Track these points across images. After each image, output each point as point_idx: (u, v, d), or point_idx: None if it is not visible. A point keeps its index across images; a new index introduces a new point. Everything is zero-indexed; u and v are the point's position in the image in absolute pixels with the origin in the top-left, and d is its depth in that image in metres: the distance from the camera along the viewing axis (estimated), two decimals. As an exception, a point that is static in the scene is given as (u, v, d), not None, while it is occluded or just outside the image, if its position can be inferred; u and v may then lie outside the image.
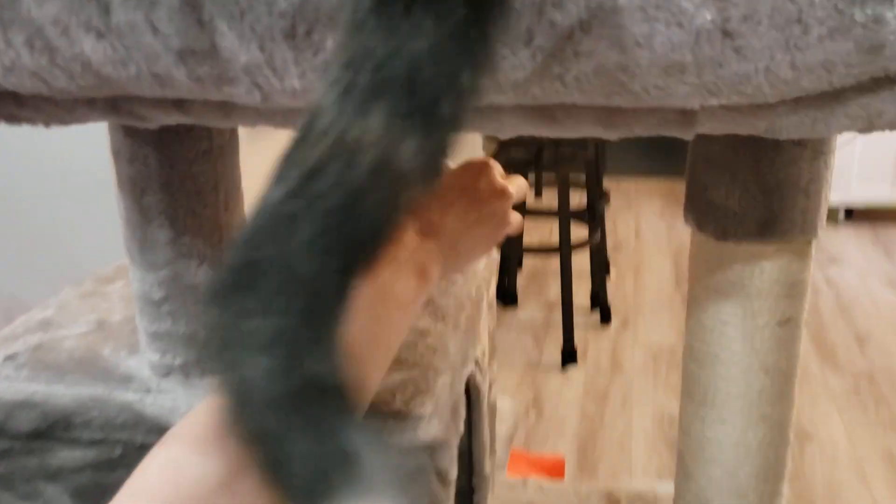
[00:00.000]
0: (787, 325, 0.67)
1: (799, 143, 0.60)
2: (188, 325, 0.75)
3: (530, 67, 0.40)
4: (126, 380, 0.77)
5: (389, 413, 0.71)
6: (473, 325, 0.92)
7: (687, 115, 0.45)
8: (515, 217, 0.69)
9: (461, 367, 0.85)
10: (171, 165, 0.70)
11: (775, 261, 0.65)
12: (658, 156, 4.50)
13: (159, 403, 0.75)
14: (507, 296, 2.90)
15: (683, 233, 3.47)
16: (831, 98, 0.43)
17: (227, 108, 0.49)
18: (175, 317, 0.75)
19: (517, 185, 0.69)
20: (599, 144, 2.59)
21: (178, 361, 0.77)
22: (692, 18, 0.38)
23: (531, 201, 3.78)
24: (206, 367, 0.30)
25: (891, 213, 3.53)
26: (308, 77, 0.42)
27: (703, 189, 0.64)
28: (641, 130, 0.46)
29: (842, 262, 3.15)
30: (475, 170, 0.66)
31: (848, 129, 0.46)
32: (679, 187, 3.88)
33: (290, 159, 0.29)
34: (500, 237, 0.68)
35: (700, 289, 0.69)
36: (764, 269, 0.65)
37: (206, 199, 0.72)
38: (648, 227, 3.60)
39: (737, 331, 0.67)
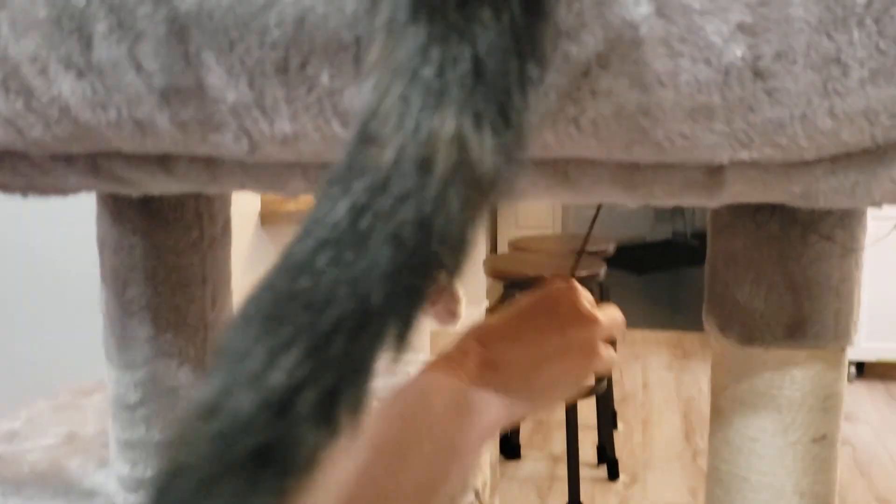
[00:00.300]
0: (822, 442, 0.60)
1: (828, 238, 0.56)
2: (163, 433, 0.69)
3: (543, 107, 0.36)
4: (89, 495, 0.70)
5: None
6: (475, 450, 0.84)
7: (714, 175, 0.41)
8: (607, 351, 0.58)
9: (459, 494, 0.78)
10: (158, 256, 0.66)
11: (807, 369, 0.59)
12: (664, 308, 4.47)
13: (123, 522, 0.67)
14: (509, 448, 2.78)
15: (692, 386, 3.37)
16: (874, 157, 0.39)
17: (213, 166, 0.45)
18: (150, 423, 0.69)
19: (610, 316, 0.58)
20: (604, 287, 2.55)
21: (149, 474, 0.69)
22: (720, 54, 0.35)
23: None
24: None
25: (903, 369, 3.45)
26: (300, 120, 0.38)
27: (725, 287, 0.59)
28: (663, 193, 0.42)
29: (856, 419, 3.05)
30: (556, 294, 0.57)
31: (891, 197, 0.41)
32: (687, 340, 3.80)
33: (351, 167, 0.25)
34: (588, 372, 0.57)
35: (724, 401, 0.62)
36: (795, 378, 0.59)
37: (192, 294, 0.67)
38: (656, 378, 3.50)
39: (767, 448, 0.60)
